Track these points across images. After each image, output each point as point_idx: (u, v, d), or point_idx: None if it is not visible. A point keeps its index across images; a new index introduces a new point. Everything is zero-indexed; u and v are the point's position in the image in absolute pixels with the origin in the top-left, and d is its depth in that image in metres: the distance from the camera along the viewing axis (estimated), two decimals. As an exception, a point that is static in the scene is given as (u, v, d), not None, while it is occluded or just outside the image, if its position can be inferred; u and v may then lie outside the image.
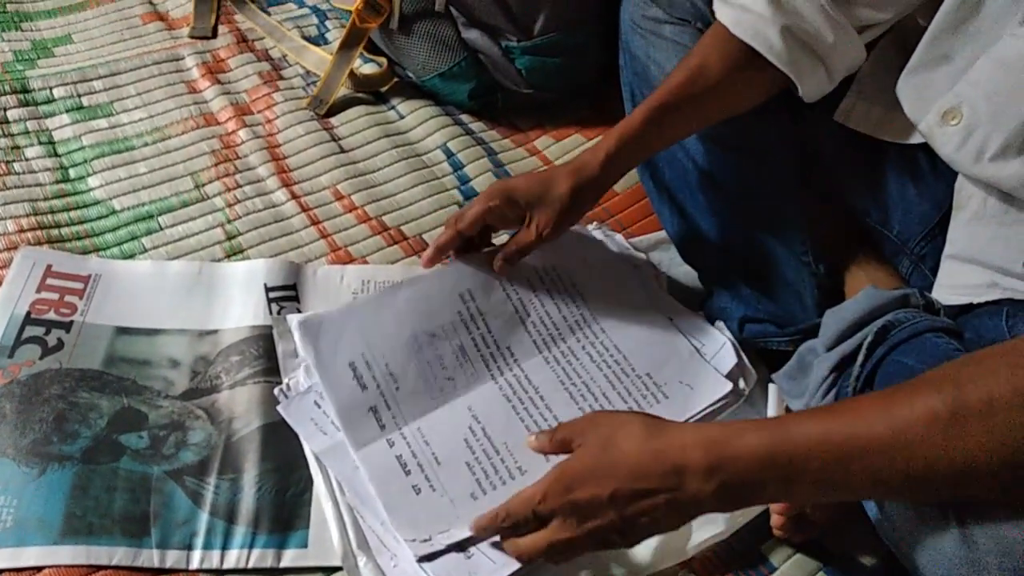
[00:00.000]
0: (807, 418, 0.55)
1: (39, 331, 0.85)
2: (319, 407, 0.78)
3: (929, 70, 0.69)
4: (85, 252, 0.95)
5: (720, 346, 0.84)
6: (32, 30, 1.23)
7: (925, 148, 0.77)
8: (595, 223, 0.98)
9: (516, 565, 0.66)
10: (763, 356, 0.85)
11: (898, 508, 0.58)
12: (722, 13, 0.75)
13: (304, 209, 1.02)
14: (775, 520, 0.74)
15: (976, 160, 0.66)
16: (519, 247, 0.79)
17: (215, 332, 0.88)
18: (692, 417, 0.78)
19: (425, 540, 0.68)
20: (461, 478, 0.72)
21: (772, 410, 0.80)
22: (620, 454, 0.57)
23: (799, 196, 0.88)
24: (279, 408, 0.79)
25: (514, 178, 0.82)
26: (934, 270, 0.79)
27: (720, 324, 0.86)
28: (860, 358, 0.67)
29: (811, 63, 0.74)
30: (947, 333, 0.69)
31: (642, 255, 0.94)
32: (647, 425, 0.59)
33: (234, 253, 0.96)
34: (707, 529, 0.74)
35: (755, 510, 0.76)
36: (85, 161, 1.05)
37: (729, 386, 0.80)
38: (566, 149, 1.14)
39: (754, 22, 0.72)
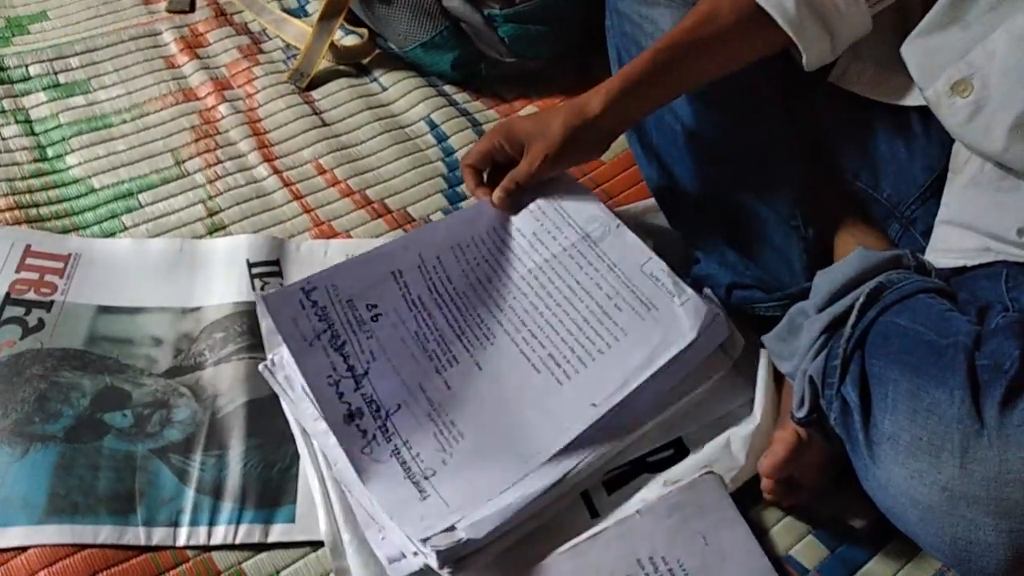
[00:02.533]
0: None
1: (19, 311, 0.84)
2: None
3: (941, 33, 0.67)
4: (64, 231, 0.93)
5: (710, 316, 0.82)
6: (6, 7, 1.21)
7: (918, 111, 0.76)
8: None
9: (474, 514, 0.67)
10: (751, 321, 0.84)
11: (894, 467, 0.58)
12: None
13: (286, 184, 1.00)
14: (765, 484, 0.74)
15: (985, 136, 0.65)
16: (515, 178, 0.81)
17: (198, 309, 0.87)
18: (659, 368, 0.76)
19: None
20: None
21: (763, 373, 0.80)
22: None
23: (789, 159, 0.87)
24: (267, 379, 0.78)
25: (517, 117, 0.84)
26: (924, 234, 0.79)
27: (707, 291, 0.85)
28: (852, 319, 0.67)
29: (819, 32, 0.73)
30: (939, 294, 0.68)
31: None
32: None
33: (216, 229, 0.95)
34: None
35: (743, 477, 0.76)
36: (63, 139, 1.03)
37: (691, 337, 0.76)
38: (552, 118, 1.12)
39: None
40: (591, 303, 0.79)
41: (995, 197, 0.67)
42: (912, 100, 0.74)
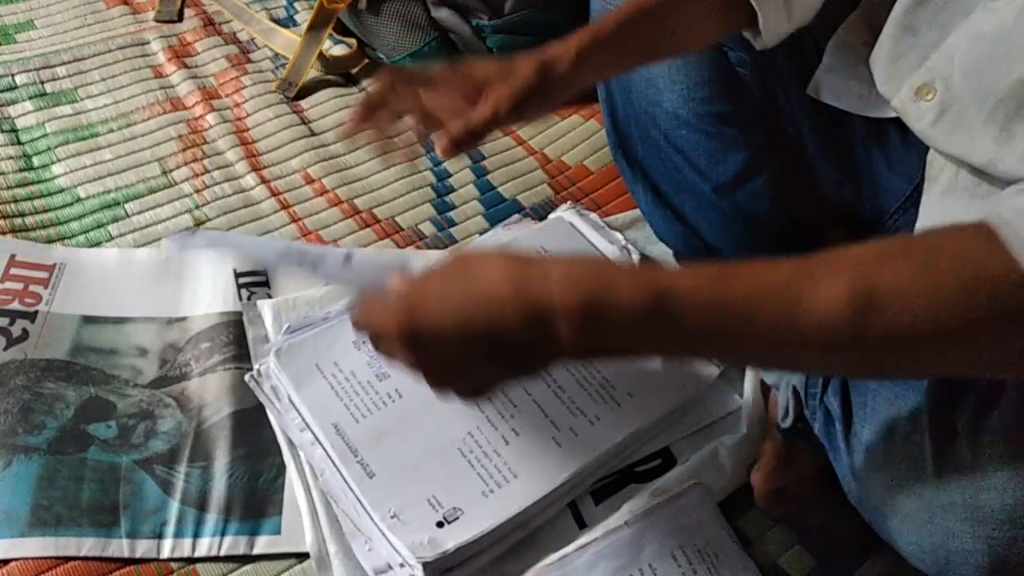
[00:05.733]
0: (698, 281, 0.48)
1: (3, 321, 0.83)
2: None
3: (898, 44, 0.68)
4: (50, 241, 0.93)
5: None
6: (-8, 16, 1.21)
7: (895, 122, 0.76)
8: (569, 203, 0.98)
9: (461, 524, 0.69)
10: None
11: (873, 475, 0.58)
12: None
13: (274, 193, 1.00)
14: (757, 493, 0.74)
15: (952, 136, 0.65)
16: (470, 126, 0.66)
17: (184, 319, 0.86)
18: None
19: None
20: None
21: (749, 384, 0.80)
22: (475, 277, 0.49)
23: (773, 173, 0.87)
24: (253, 389, 0.78)
25: (470, 59, 0.70)
26: (909, 243, 0.79)
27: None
28: None
29: None
30: None
31: (617, 235, 0.94)
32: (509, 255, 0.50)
33: (203, 239, 0.95)
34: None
35: (731, 487, 0.76)
36: (49, 149, 1.03)
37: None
38: (539, 128, 1.12)
39: None
40: None
41: (971, 204, 0.68)
42: (887, 112, 0.74)
